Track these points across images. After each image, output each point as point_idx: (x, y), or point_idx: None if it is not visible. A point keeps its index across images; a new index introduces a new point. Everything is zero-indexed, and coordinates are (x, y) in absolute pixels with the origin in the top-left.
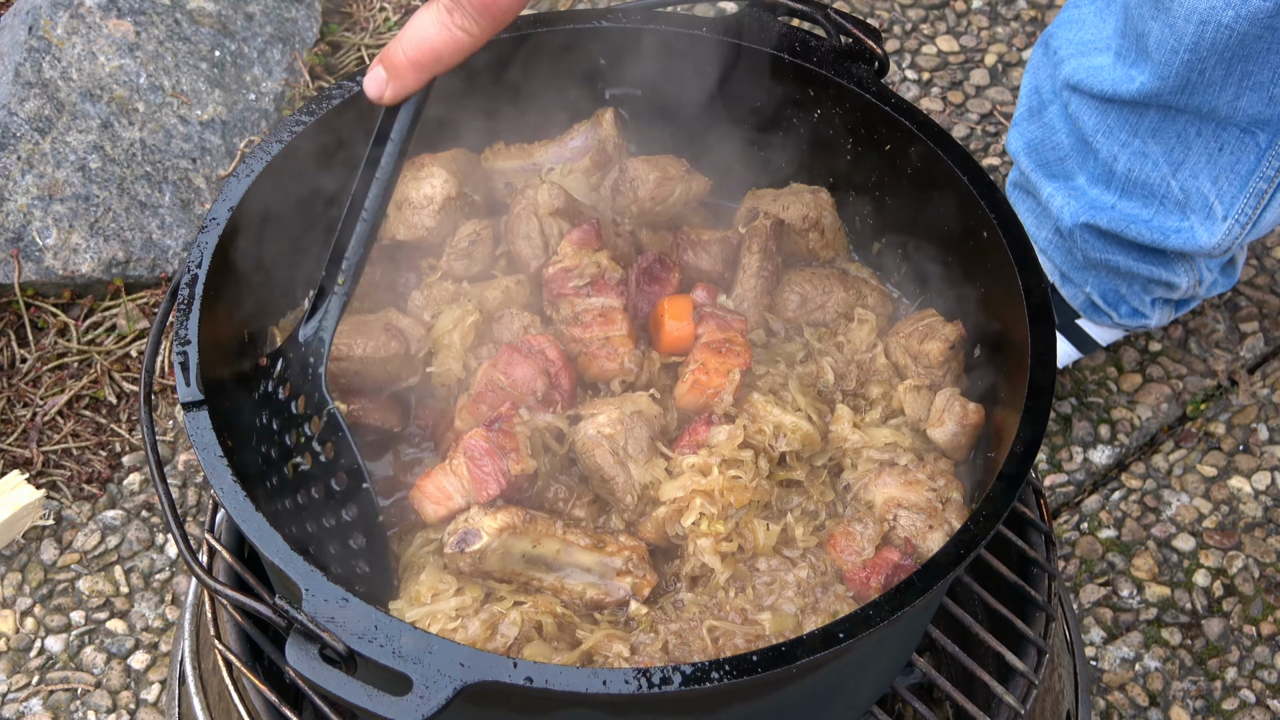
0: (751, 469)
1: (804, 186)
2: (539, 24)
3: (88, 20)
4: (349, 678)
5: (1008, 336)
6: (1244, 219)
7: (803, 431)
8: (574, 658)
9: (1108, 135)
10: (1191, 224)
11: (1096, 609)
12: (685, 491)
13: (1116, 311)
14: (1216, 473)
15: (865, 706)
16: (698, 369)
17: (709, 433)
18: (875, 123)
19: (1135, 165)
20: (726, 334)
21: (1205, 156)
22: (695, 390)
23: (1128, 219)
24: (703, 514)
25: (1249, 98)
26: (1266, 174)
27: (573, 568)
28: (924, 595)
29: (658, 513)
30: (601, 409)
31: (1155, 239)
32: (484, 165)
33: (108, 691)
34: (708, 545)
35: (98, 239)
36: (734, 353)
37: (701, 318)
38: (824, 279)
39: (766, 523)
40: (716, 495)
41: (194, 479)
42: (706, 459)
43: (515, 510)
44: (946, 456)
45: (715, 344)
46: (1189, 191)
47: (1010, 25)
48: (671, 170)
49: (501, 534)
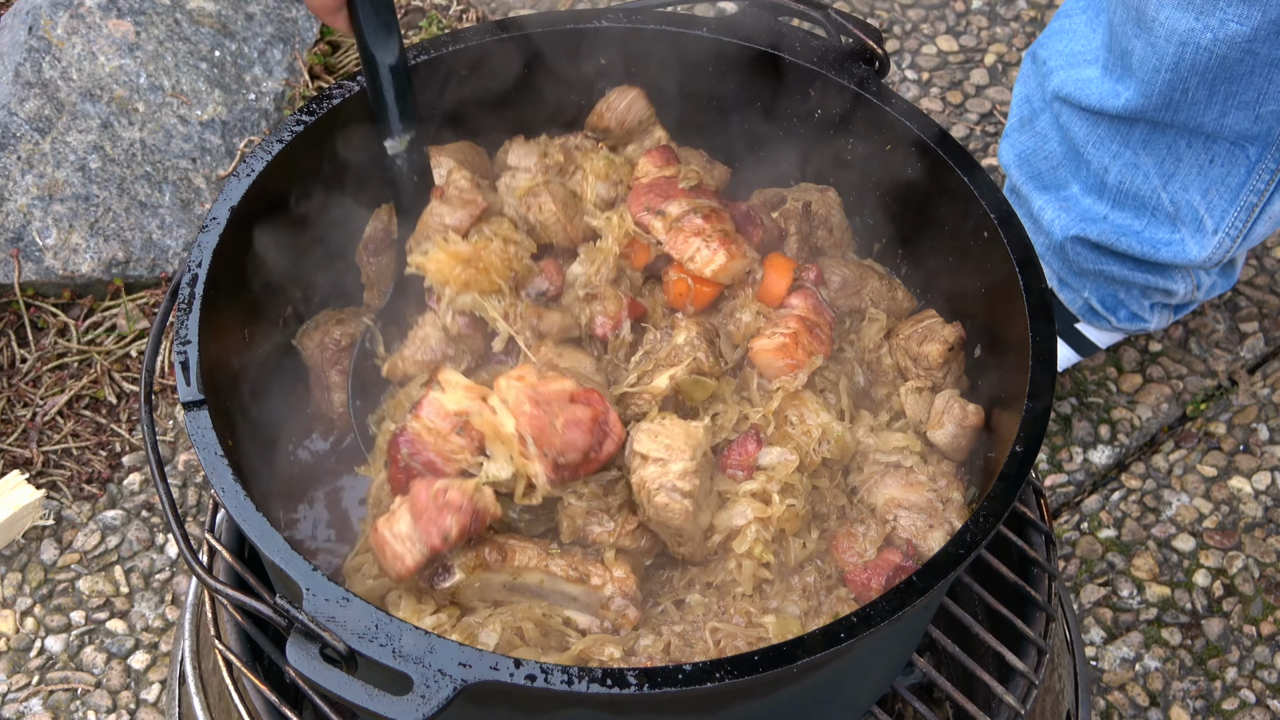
0: (804, 493)
1: (812, 185)
2: (539, 24)
3: (88, 20)
4: (349, 677)
5: (1008, 337)
6: (1234, 232)
7: (844, 441)
8: (568, 660)
9: (1098, 146)
10: (1182, 236)
11: (1096, 609)
12: (745, 520)
13: (1115, 316)
14: (1216, 473)
15: (865, 706)
16: (789, 335)
17: (759, 453)
18: (875, 123)
19: (1127, 176)
20: (819, 318)
21: (1196, 169)
22: (780, 353)
23: (1119, 230)
24: (756, 540)
25: (1235, 115)
26: (1256, 187)
27: (559, 594)
28: (924, 595)
29: (711, 541)
30: (667, 449)
31: (1146, 251)
32: (501, 158)
33: (108, 691)
34: (750, 568)
35: (98, 239)
36: (821, 339)
37: (800, 292)
38: (858, 266)
39: (801, 541)
40: (773, 521)
41: (194, 479)
42: (765, 485)
43: (492, 548)
44: (947, 458)
45: (810, 322)
46: (1179, 204)
47: (1010, 25)
48: (694, 162)
49: (475, 571)
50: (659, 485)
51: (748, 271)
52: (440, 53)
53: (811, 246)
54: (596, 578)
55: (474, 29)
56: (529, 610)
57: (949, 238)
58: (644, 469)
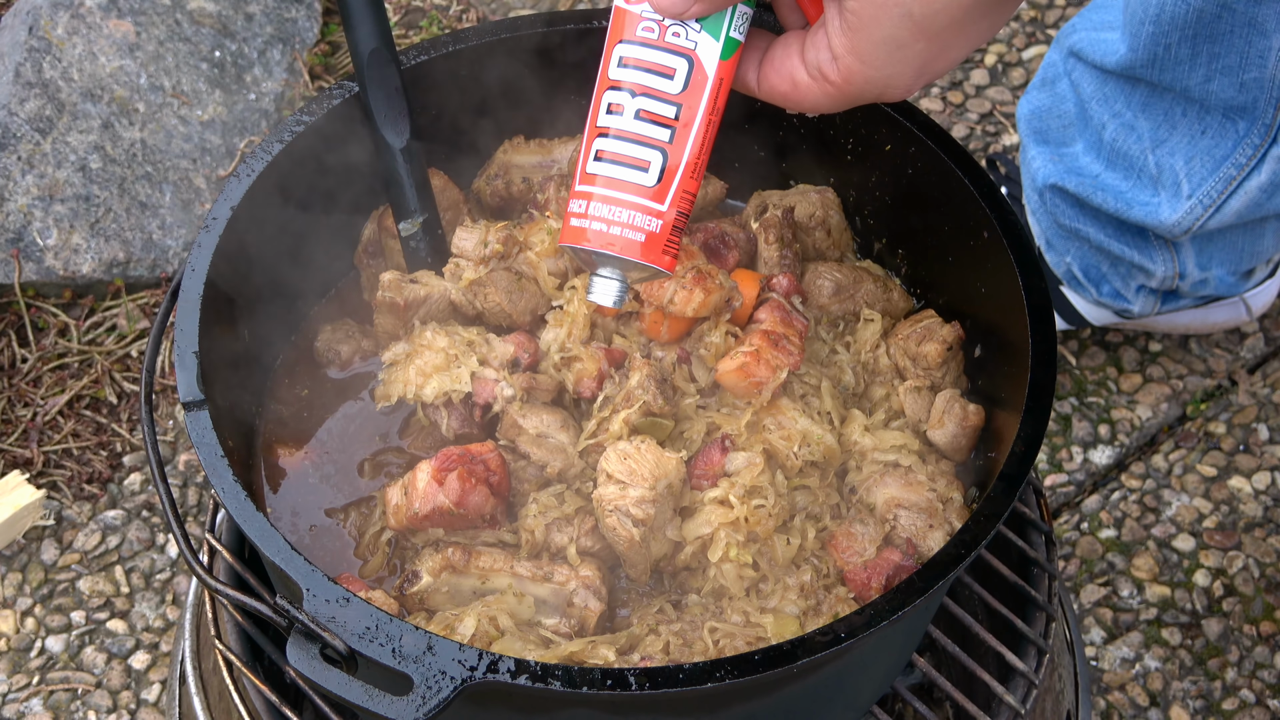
0: (773, 493)
1: (810, 186)
2: (539, 24)
3: (88, 20)
4: (350, 677)
5: (1008, 336)
6: (1207, 200)
7: (826, 445)
8: (556, 658)
9: (1102, 104)
10: (1159, 200)
11: (1097, 609)
12: (711, 528)
13: (1098, 289)
14: (1216, 473)
15: (866, 706)
16: (750, 354)
17: (725, 460)
18: (875, 123)
19: (1120, 136)
20: (786, 329)
21: (1188, 138)
22: (741, 373)
23: (1096, 186)
24: (729, 544)
25: (1220, 81)
26: (1238, 161)
27: (529, 596)
28: (924, 595)
29: (681, 556)
30: (630, 474)
31: (1119, 208)
32: (501, 159)
33: (108, 691)
34: (732, 571)
35: (98, 239)
36: (788, 351)
37: (767, 305)
38: (851, 269)
39: (786, 538)
40: (741, 523)
41: (194, 479)
42: (727, 491)
43: (455, 549)
44: (947, 458)
45: (774, 336)
46: (1163, 168)
47: (1010, 25)
48: None
49: (441, 574)
50: (614, 507)
51: (727, 300)
52: (440, 53)
53: (797, 252)
54: (561, 576)
55: (474, 29)
56: (500, 602)
57: (949, 238)
58: (605, 487)
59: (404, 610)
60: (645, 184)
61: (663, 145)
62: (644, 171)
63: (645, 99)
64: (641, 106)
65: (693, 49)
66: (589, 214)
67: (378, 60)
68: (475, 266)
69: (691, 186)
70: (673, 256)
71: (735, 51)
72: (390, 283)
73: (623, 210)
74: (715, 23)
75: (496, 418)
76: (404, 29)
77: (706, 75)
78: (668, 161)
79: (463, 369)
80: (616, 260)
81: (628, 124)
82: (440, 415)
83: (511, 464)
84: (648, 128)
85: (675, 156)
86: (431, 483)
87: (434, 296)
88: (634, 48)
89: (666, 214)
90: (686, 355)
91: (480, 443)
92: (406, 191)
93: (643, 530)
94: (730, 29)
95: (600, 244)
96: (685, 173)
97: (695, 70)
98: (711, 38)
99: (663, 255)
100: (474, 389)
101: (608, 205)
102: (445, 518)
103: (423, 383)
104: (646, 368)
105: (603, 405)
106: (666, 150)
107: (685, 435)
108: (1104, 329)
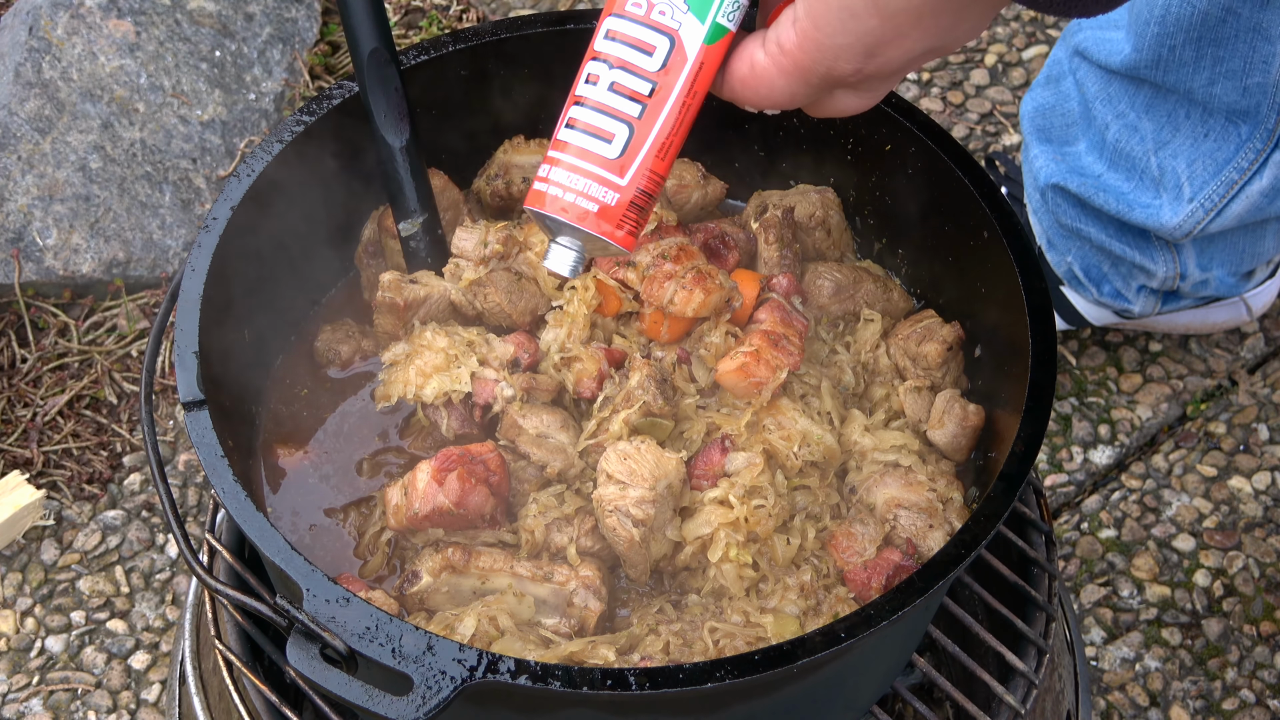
0: (773, 493)
1: (810, 186)
2: (539, 24)
3: (88, 20)
4: (350, 677)
5: (1008, 336)
6: (1209, 204)
7: (826, 445)
8: (556, 658)
9: (1106, 103)
10: (1161, 202)
11: (1097, 609)
12: (711, 528)
13: (1099, 289)
14: (1216, 473)
15: (866, 706)
16: (750, 354)
17: (725, 460)
18: (875, 123)
19: (1124, 137)
20: (786, 329)
21: (1190, 140)
22: (741, 373)
23: (1097, 187)
24: (729, 544)
25: (1223, 85)
26: (1240, 165)
27: (529, 596)
28: (924, 595)
29: (681, 556)
30: (630, 475)
31: (1121, 210)
32: (501, 159)
33: (108, 691)
34: (732, 571)
35: (98, 239)
36: (787, 351)
37: (767, 305)
38: (851, 269)
39: (786, 538)
40: (741, 523)
41: (194, 479)
42: (727, 491)
43: (455, 549)
44: (947, 458)
45: (774, 336)
46: (1165, 170)
47: (1010, 25)
48: (687, 176)
49: (441, 574)
50: (614, 507)
51: (727, 300)
52: (440, 53)
53: (797, 252)
54: (561, 576)
55: (474, 29)
56: (500, 602)
57: (949, 238)
58: (605, 487)
59: (404, 610)
60: (607, 155)
61: (630, 120)
62: (607, 143)
63: (621, 72)
64: (616, 80)
65: (676, 29)
66: (549, 179)
67: (378, 60)
68: (475, 267)
69: (659, 167)
70: (630, 234)
71: (722, 38)
72: (390, 283)
73: (580, 178)
74: (702, 5)
75: (496, 418)
76: (404, 29)
77: (686, 57)
78: (633, 136)
79: (463, 369)
80: (569, 228)
81: (600, 95)
82: (440, 415)
83: (511, 464)
84: (619, 101)
85: (642, 133)
86: (431, 483)
87: (434, 297)
88: (621, 22)
89: (625, 189)
90: (686, 355)
91: (480, 443)
92: (406, 191)
93: (643, 530)
94: (718, 14)
95: (554, 209)
96: (652, 151)
97: (675, 50)
98: (697, 20)
99: (616, 230)
100: (474, 389)
101: (568, 172)
102: (445, 518)
103: (423, 383)
104: (646, 368)
105: (603, 405)
106: (634, 125)
107: (685, 435)
108: (1104, 329)
